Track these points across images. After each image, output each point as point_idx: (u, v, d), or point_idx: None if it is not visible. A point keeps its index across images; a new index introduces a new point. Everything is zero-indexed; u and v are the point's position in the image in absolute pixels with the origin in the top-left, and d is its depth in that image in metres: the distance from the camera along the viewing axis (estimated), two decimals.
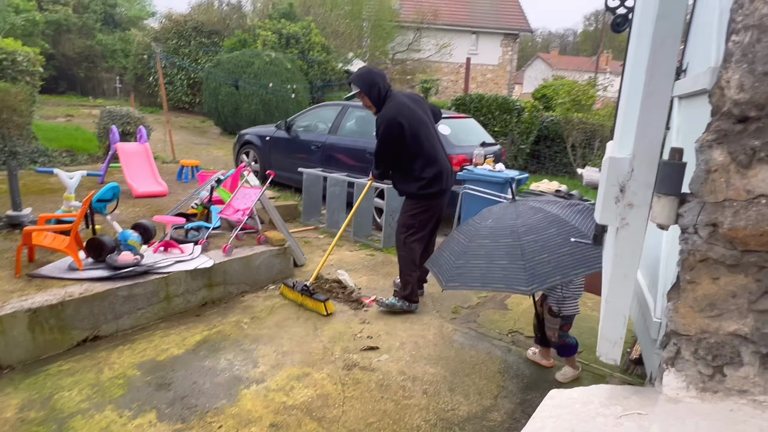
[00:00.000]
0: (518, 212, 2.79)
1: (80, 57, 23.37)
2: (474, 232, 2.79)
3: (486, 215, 2.92)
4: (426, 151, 3.84)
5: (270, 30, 16.26)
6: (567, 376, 3.12)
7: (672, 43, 1.13)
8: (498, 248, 2.59)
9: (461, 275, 2.60)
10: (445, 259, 2.78)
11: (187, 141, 12.87)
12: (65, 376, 2.76)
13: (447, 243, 2.94)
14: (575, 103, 12.21)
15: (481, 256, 2.61)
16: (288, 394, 2.75)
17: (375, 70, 3.95)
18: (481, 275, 2.55)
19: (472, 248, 2.68)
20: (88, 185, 5.81)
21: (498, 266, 2.51)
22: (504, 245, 2.58)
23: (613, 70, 37.88)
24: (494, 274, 2.51)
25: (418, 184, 3.88)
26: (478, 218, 2.96)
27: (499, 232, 2.68)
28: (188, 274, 3.62)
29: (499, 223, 2.75)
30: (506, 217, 2.78)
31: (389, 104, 3.83)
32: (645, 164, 1.22)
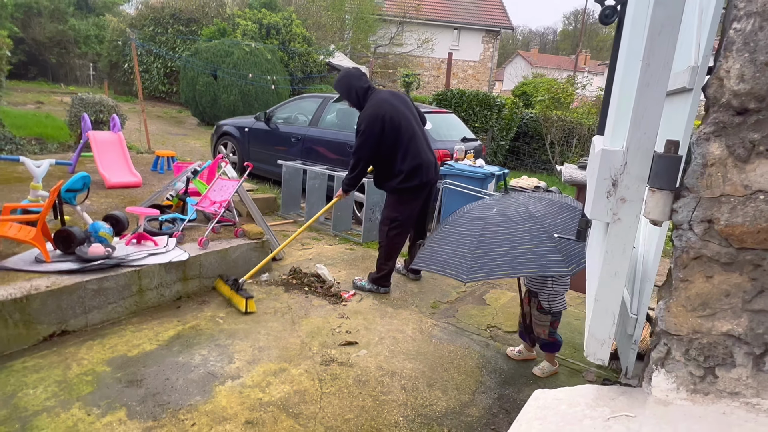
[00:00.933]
0: (519, 201, 2.72)
1: (52, 42, 22.67)
2: (479, 222, 2.67)
3: (481, 207, 2.84)
4: (405, 143, 3.87)
5: (250, 19, 15.99)
6: (545, 371, 3.10)
7: (670, 32, 1.09)
8: (519, 233, 2.47)
9: (485, 264, 2.44)
10: (454, 254, 2.58)
11: (163, 131, 12.59)
12: (30, 373, 2.63)
13: (443, 239, 2.76)
14: (554, 100, 12.31)
15: (502, 243, 2.47)
16: (264, 391, 2.68)
17: (351, 72, 4.05)
18: (509, 261, 2.40)
19: (488, 236, 2.54)
20: (58, 174, 5.61)
21: (527, 251, 2.38)
22: (525, 230, 2.47)
23: (592, 69, 38.42)
24: (524, 258, 2.37)
25: (398, 178, 3.91)
26: (473, 210, 2.86)
27: (514, 218, 2.57)
28: (162, 268, 3.51)
29: (507, 211, 2.65)
30: (511, 205, 2.70)
31: (371, 102, 3.91)
32: (639, 157, 1.18)
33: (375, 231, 5.50)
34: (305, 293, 3.95)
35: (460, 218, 2.80)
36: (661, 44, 1.10)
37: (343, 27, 22.09)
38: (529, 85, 18.50)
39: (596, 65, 44.07)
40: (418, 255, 2.77)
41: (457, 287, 4.37)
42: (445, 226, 2.82)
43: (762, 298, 1.11)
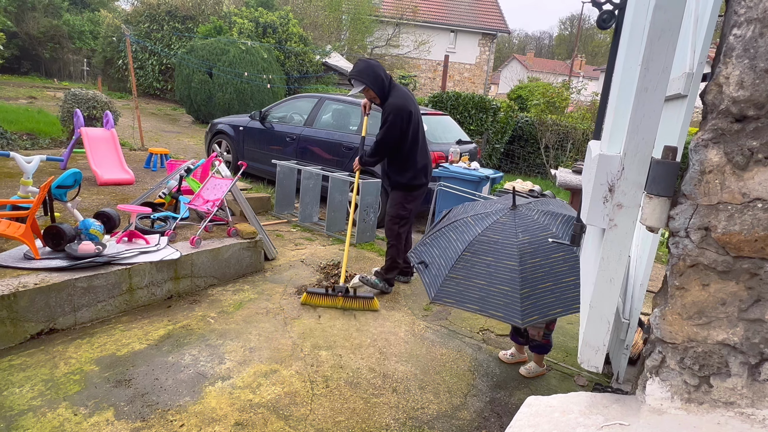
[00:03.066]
0: (523, 226, 2.59)
1: (45, 37, 22.48)
2: (471, 241, 2.57)
3: (500, 230, 2.61)
4: (420, 141, 3.95)
5: (246, 18, 15.94)
6: (531, 372, 3.10)
7: (670, 36, 1.08)
8: (500, 270, 2.41)
9: (459, 293, 2.41)
10: (493, 291, 2.41)
11: (157, 128, 12.51)
12: (16, 372, 2.59)
13: (435, 240, 2.71)
14: (549, 105, 12.35)
15: (482, 276, 2.42)
16: (254, 392, 2.65)
17: (374, 63, 3.91)
18: (480, 298, 2.37)
19: (473, 263, 2.48)
20: (49, 170, 5.55)
21: (499, 291, 2.35)
22: (507, 268, 2.40)
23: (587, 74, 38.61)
24: (494, 299, 2.34)
25: (409, 174, 3.97)
26: (473, 220, 2.75)
27: (504, 250, 2.47)
28: (153, 266, 3.47)
29: (503, 237, 2.53)
30: (508, 231, 2.57)
31: (396, 93, 3.86)
32: (636, 163, 1.17)
33: (369, 232, 5.49)
34: (297, 294, 3.92)
35: (480, 244, 2.56)
36: (660, 49, 1.09)
37: (340, 27, 22.08)
38: (525, 88, 18.56)
39: (591, 70, 44.29)
40: (441, 288, 2.53)
41: None
42: (464, 254, 2.56)
43: (758, 307, 1.10)
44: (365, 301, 3.76)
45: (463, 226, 2.73)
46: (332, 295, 3.74)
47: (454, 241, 2.66)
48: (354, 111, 6.88)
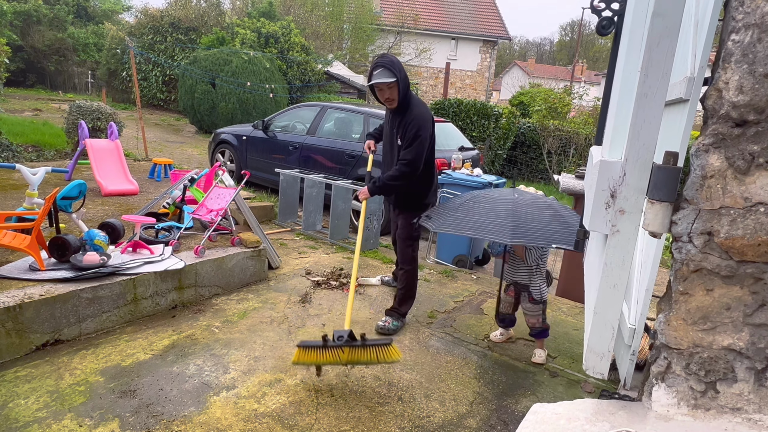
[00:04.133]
0: (519, 193, 3.14)
1: (50, 50, 22.72)
2: (506, 201, 3.03)
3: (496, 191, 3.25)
4: (434, 156, 3.64)
5: (249, 28, 16.06)
6: (543, 357, 3.31)
7: (668, 43, 1.09)
8: (497, 210, 2.92)
9: (458, 224, 2.90)
10: (488, 222, 2.92)
11: (161, 139, 12.58)
12: (22, 383, 2.60)
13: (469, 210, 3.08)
14: (551, 110, 12.37)
15: (480, 213, 2.92)
16: (259, 401, 2.64)
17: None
18: (477, 226, 2.85)
19: (473, 207, 2.98)
20: (54, 182, 5.59)
21: (493, 222, 2.83)
22: (503, 209, 2.92)
23: (588, 80, 38.67)
24: (489, 227, 2.81)
25: (429, 194, 3.62)
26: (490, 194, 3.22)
27: (501, 200, 3.00)
28: (157, 276, 3.48)
29: (500, 195, 3.08)
30: (507, 194, 3.11)
31: (416, 101, 3.46)
32: (638, 168, 1.17)
33: (372, 239, 5.49)
34: (301, 303, 3.92)
35: (479, 198, 3.09)
36: (659, 55, 1.09)
37: (342, 36, 22.21)
38: (527, 94, 18.60)
39: (593, 75, 44.35)
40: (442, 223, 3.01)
41: (455, 297, 4.34)
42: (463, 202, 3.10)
43: (763, 312, 1.10)
44: (380, 350, 2.74)
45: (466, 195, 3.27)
46: (334, 347, 2.72)
47: (456, 200, 3.19)
48: (356, 119, 6.90)
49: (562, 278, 4.89)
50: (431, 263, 5.38)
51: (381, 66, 3.29)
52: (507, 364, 3.28)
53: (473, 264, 5.42)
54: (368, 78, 3.35)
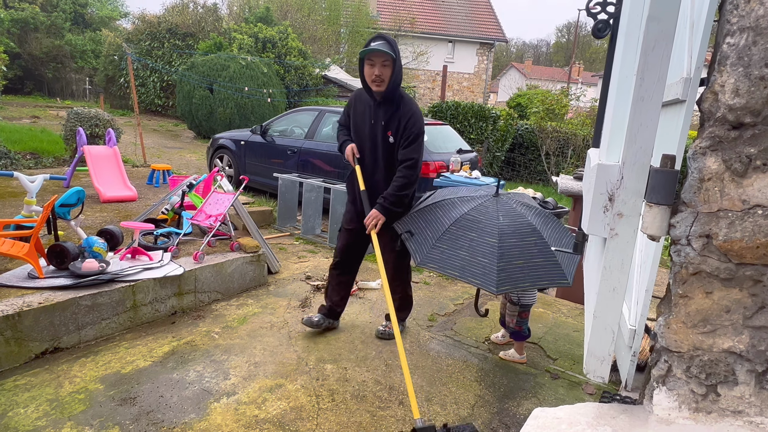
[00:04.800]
0: (503, 211, 2.92)
1: (48, 57, 22.74)
2: (458, 218, 2.87)
3: (484, 211, 2.93)
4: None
5: (246, 33, 16.09)
6: (509, 356, 3.38)
7: (664, 46, 1.09)
8: (482, 245, 2.72)
9: (443, 260, 2.72)
10: (424, 234, 2.86)
11: (159, 144, 12.58)
12: (21, 392, 2.59)
13: (454, 242, 2.86)
14: (549, 112, 12.40)
15: (465, 248, 2.73)
16: (260, 407, 2.64)
17: None
18: (461, 266, 2.68)
19: (458, 236, 2.79)
20: (52, 189, 5.58)
21: (478, 262, 2.66)
22: (487, 244, 2.71)
23: (585, 81, 38.75)
24: (473, 268, 2.65)
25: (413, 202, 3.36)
26: (459, 201, 3.05)
27: (486, 228, 2.79)
28: (157, 282, 3.48)
29: (486, 218, 2.85)
30: (491, 214, 2.88)
31: (409, 98, 3.15)
32: (635, 172, 1.17)
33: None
34: (301, 307, 3.91)
35: (465, 221, 2.87)
36: (654, 59, 1.10)
37: (339, 40, 22.25)
38: (524, 96, 18.65)
39: (590, 76, 44.47)
40: (427, 254, 2.80)
41: (455, 299, 4.34)
42: (450, 227, 2.86)
43: (763, 315, 1.10)
44: None
45: (449, 205, 3.03)
46: None
47: (440, 217, 2.95)
48: None
49: None
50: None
51: (381, 38, 2.96)
52: (508, 367, 3.27)
53: None
54: (364, 48, 2.96)
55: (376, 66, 2.93)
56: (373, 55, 2.92)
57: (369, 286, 4.45)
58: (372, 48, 2.90)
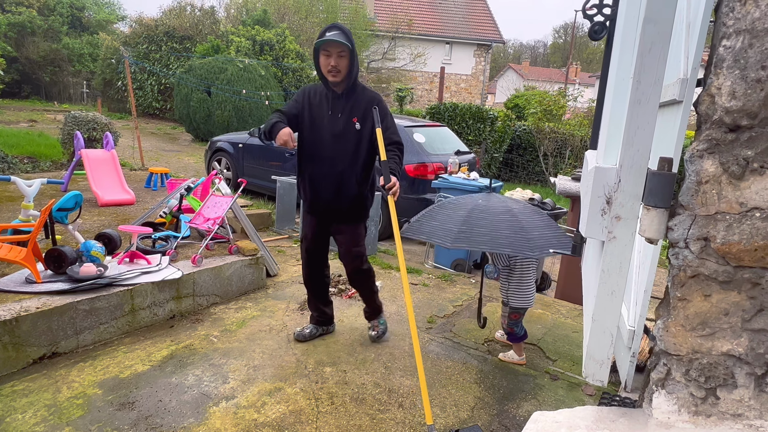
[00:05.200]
0: (500, 199, 3.18)
1: (45, 60, 22.71)
2: (465, 207, 3.07)
3: (468, 197, 3.23)
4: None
5: (243, 36, 16.08)
6: (507, 357, 3.41)
7: (660, 48, 1.09)
8: (498, 221, 2.92)
9: (468, 238, 2.88)
10: (441, 228, 3.01)
11: (157, 148, 12.57)
12: (19, 397, 2.58)
13: (432, 216, 3.12)
14: (546, 112, 12.40)
15: (484, 226, 2.92)
16: (259, 411, 2.63)
17: None
18: (488, 240, 2.85)
19: (473, 219, 2.95)
20: (50, 193, 5.57)
21: (502, 235, 2.85)
22: (503, 220, 2.93)
23: (582, 81, 38.81)
24: (500, 240, 2.84)
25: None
26: (460, 199, 3.25)
27: (494, 210, 3.01)
28: (155, 286, 3.47)
29: (490, 203, 3.07)
30: (494, 201, 3.12)
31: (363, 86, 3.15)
32: (633, 175, 1.17)
33: (370, 245, 5.48)
34: (300, 310, 3.91)
35: (448, 203, 3.19)
36: (651, 61, 1.10)
37: None
38: (521, 97, 18.67)
39: (587, 77, 44.54)
40: (407, 225, 3.08)
41: (454, 301, 4.34)
42: (433, 207, 3.21)
43: (762, 317, 1.10)
44: None
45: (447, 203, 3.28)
46: None
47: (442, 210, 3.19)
48: None
49: (561, 281, 4.89)
50: (430, 268, 5.38)
51: (336, 28, 2.90)
52: (507, 369, 3.27)
53: (472, 268, 5.42)
54: (318, 38, 2.89)
55: (332, 57, 2.89)
56: (329, 46, 2.86)
57: None
58: (327, 39, 2.84)
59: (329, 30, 2.90)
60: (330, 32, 2.88)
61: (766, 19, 0.99)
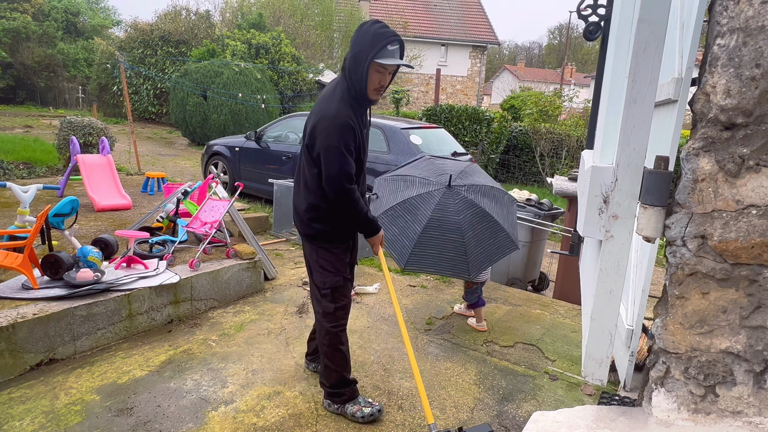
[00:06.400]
0: (458, 207, 3.38)
1: (40, 66, 22.66)
2: (421, 223, 3.35)
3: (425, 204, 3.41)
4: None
5: (239, 40, 16.09)
6: (464, 311, 4.05)
7: (655, 48, 1.09)
8: (445, 242, 3.30)
9: (419, 261, 3.30)
10: (399, 239, 3.35)
11: (153, 152, 12.55)
12: (16, 404, 2.56)
13: (394, 218, 3.41)
14: (542, 113, 12.44)
15: (433, 247, 3.29)
16: (258, 415, 2.62)
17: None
18: (434, 262, 3.31)
19: (425, 239, 3.31)
20: (46, 198, 5.55)
21: (447, 258, 3.29)
22: (451, 240, 3.29)
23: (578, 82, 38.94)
24: (443, 264, 3.30)
25: None
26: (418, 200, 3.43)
27: (446, 226, 3.31)
28: (152, 291, 3.46)
29: (445, 215, 3.34)
30: (450, 209, 3.36)
31: None
32: (629, 173, 1.17)
33: (368, 248, 5.48)
34: (298, 313, 3.90)
35: (410, 205, 3.41)
36: (646, 61, 1.10)
37: (332, 45, 22.30)
38: (517, 98, 18.71)
39: (582, 77, 44.67)
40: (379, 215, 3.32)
41: (453, 302, 4.34)
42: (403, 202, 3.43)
43: (759, 314, 1.10)
44: None
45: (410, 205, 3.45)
46: None
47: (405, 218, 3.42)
48: None
49: (558, 281, 4.90)
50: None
51: (399, 43, 2.35)
52: (506, 369, 3.27)
53: None
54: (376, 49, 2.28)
55: (386, 77, 2.41)
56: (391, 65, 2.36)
57: (366, 290, 4.44)
58: (393, 61, 2.34)
59: (391, 43, 2.32)
60: (393, 46, 2.32)
61: (759, 18, 1.00)
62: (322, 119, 2.38)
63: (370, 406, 2.65)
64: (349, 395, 2.66)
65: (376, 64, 2.31)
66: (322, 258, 2.59)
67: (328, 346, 2.64)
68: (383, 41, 2.30)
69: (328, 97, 2.48)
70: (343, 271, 2.64)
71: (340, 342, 2.65)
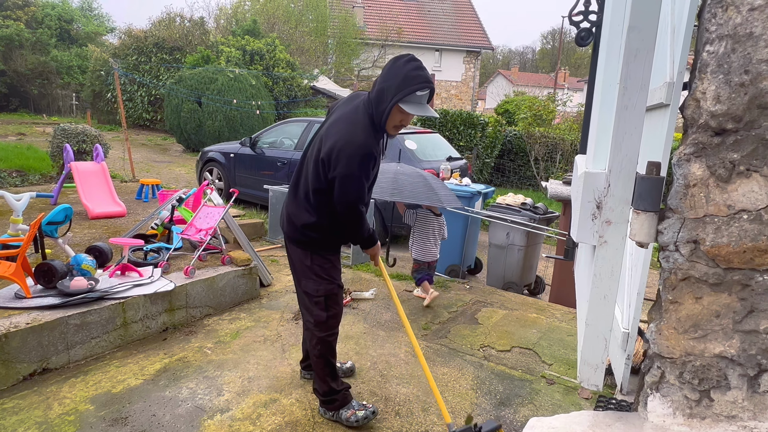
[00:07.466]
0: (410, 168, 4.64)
1: (34, 73, 22.60)
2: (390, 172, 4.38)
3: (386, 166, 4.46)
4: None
5: (233, 46, 16.10)
6: (420, 293, 4.53)
7: (645, 55, 1.10)
8: (415, 183, 4.30)
9: (400, 193, 4.22)
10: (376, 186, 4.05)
11: (147, 159, 12.51)
12: (9, 415, 2.54)
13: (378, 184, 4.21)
14: (536, 117, 12.50)
15: (407, 186, 4.25)
16: (255, 423, 2.61)
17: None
18: (413, 194, 4.22)
19: (399, 181, 4.28)
20: (39, 206, 5.52)
21: (421, 191, 4.25)
22: (419, 182, 4.32)
23: (571, 86, 39.15)
24: (420, 197, 4.22)
25: None
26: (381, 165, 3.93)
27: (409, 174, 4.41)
28: (147, 299, 3.44)
29: (405, 169, 4.49)
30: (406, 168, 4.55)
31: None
32: (622, 179, 1.18)
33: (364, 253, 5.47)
34: (295, 320, 3.89)
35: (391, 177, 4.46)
36: (637, 67, 1.11)
37: (327, 51, 22.35)
38: (511, 103, 18.79)
39: (575, 82, 44.96)
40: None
41: (449, 307, 4.33)
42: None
43: (752, 318, 1.10)
44: None
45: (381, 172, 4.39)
46: None
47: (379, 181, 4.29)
48: None
49: (554, 285, 4.91)
50: None
51: (429, 88, 2.27)
52: (503, 374, 3.27)
53: (466, 273, 5.42)
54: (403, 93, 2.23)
55: (409, 117, 2.35)
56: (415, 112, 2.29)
57: (362, 296, 4.44)
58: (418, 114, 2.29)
59: (421, 89, 2.23)
60: (421, 92, 2.24)
61: (747, 25, 1.01)
62: (348, 145, 2.27)
63: (364, 409, 2.64)
64: (341, 401, 2.65)
65: (399, 107, 2.25)
66: (316, 265, 2.59)
67: (318, 357, 2.63)
68: (412, 86, 2.22)
69: (351, 119, 2.37)
70: (337, 278, 2.65)
71: (331, 353, 2.66)
